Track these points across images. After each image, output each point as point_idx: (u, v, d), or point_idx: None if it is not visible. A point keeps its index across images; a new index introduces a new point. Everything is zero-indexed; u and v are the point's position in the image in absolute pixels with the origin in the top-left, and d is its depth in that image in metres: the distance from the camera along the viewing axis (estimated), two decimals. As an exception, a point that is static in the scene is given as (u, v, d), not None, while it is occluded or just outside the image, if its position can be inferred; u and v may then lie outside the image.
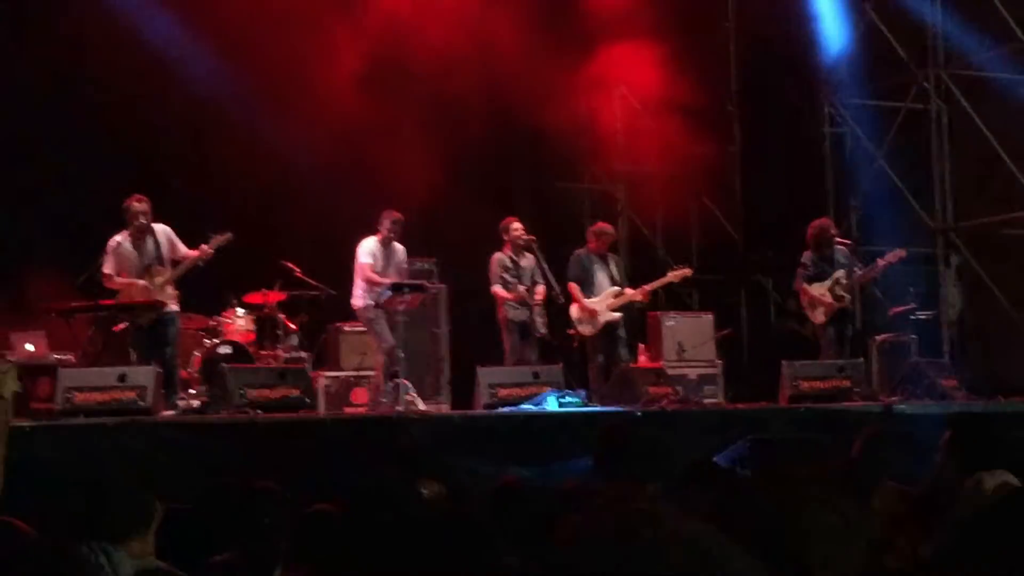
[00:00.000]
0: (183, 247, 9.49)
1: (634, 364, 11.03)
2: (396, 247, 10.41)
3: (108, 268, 9.31)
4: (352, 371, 11.20)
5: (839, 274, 10.88)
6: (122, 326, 9.51)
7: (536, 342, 10.52)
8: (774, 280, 14.71)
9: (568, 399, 9.48)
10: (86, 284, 9.19)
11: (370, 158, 11.77)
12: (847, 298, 11.01)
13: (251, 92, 11.51)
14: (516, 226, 10.62)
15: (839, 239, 11.45)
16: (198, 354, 10.47)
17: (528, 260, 10.62)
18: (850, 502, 2.01)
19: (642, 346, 12.23)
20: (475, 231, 11.60)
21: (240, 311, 10.96)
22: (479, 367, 9.76)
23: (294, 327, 11.21)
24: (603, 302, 10.65)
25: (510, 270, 10.52)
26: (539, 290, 10.51)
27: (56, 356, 9.38)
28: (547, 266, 10.55)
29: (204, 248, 9.35)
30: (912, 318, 12.12)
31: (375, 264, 10.24)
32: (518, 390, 9.58)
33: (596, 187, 15.08)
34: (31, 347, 9.51)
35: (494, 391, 9.53)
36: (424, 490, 4.17)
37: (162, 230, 9.43)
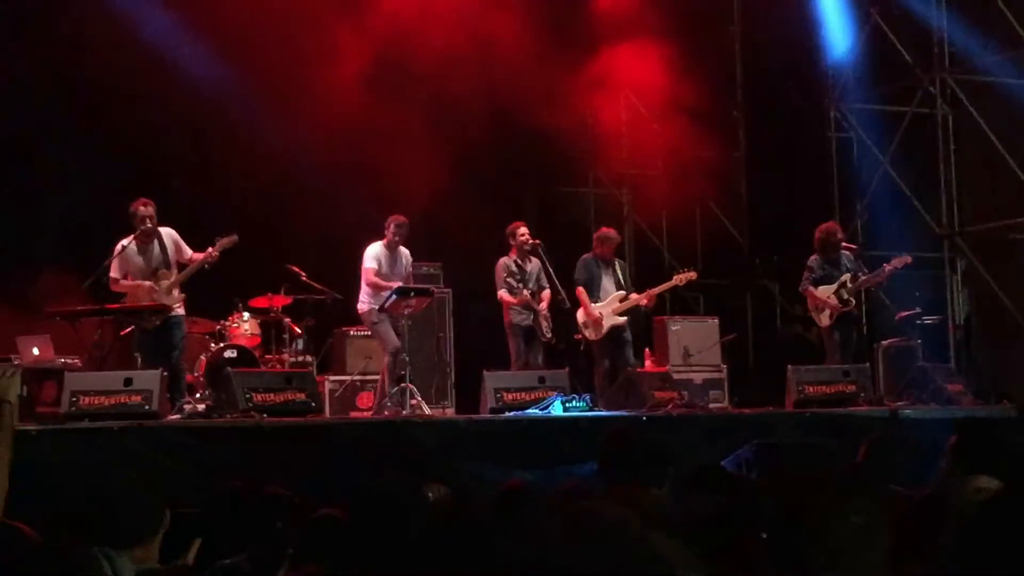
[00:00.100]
0: (189, 250, 9.49)
1: (640, 368, 11.02)
2: (401, 251, 10.41)
3: (114, 272, 9.31)
4: (358, 375, 11.21)
5: (845, 277, 10.87)
6: (128, 330, 9.52)
7: (541, 346, 10.52)
8: (780, 284, 14.70)
9: (573, 403, 9.47)
10: (92, 288, 9.18)
11: (375, 162, 11.76)
12: (853, 302, 11.01)
13: (252, 92, 11.49)
14: (522, 231, 10.61)
15: (845, 243, 11.43)
16: (204, 358, 10.50)
17: (534, 264, 10.62)
18: (870, 501, 2.00)
19: (647, 350, 12.24)
20: (480, 235, 11.61)
21: (246, 315, 10.98)
22: (485, 371, 9.74)
23: (300, 331, 11.22)
24: (609, 307, 10.65)
25: (515, 275, 10.52)
26: (544, 295, 10.51)
27: (62, 360, 9.38)
28: (552, 270, 10.56)
29: (210, 251, 9.33)
30: (918, 322, 12.11)
31: (379, 269, 10.24)
32: (524, 394, 9.55)
33: (601, 191, 15.08)
34: (37, 351, 9.51)
35: (500, 395, 9.51)
36: (430, 494, 4.16)
37: (168, 233, 9.43)
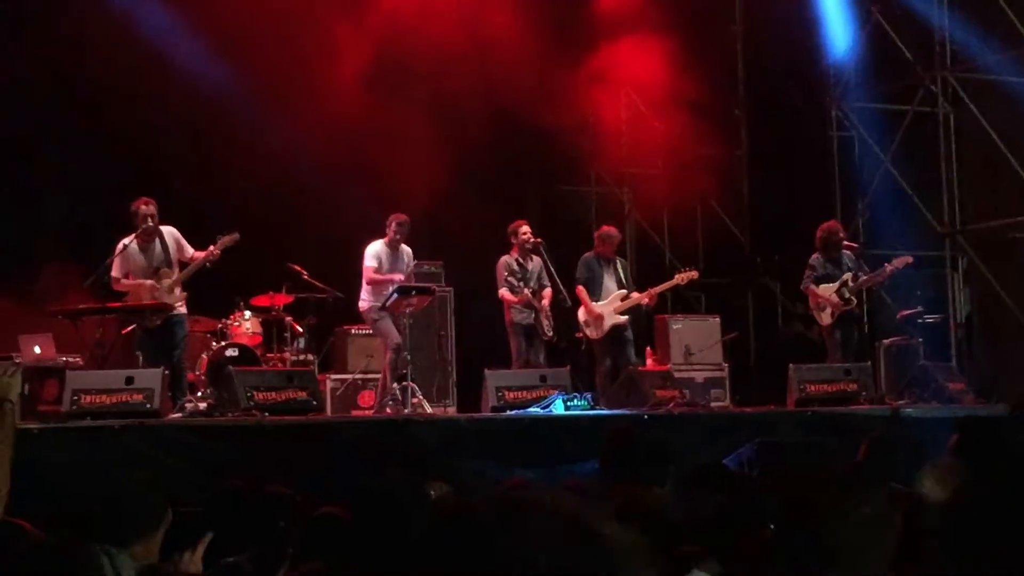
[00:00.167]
0: (190, 249, 9.49)
1: (641, 367, 11.02)
2: (403, 249, 10.41)
3: (116, 271, 9.32)
4: (359, 374, 11.22)
5: (847, 276, 10.87)
6: (130, 328, 9.52)
7: (543, 345, 10.52)
8: (781, 283, 14.69)
9: (575, 402, 9.48)
10: (94, 286, 9.19)
11: (376, 160, 11.76)
12: (854, 301, 11.00)
13: (252, 92, 11.49)
14: (524, 229, 10.60)
15: (846, 242, 11.43)
16: (205, 357, 10.50)
17: (535, 263, 10.62)
18: (878, 494, 2.00)
19: (649, 349, 12.24)
20: (481, 234, 11.61)
21: (247, 314, 10.99)
22: (486, 370, 9.74)
23: (301, 330, 11.22)
24: (610, 305, 10.65)
25: (516, 273, 10.52)
26: (546, 293, 10.51)
27: (63, 358, 9.37)
28: (554, 269, 10.56)
29: (211, 249, 9.33)
30: (919, 321, 12.10)
31: (379, 267, 10.24)
32: (525, 393, 9.56)
33: (602, 189, 15.08)
34: (38, 349, 9.51)
35: (501, 394, 9.51)
36: (432, 493, 4.17)
37: (169, 232, 9.43)
